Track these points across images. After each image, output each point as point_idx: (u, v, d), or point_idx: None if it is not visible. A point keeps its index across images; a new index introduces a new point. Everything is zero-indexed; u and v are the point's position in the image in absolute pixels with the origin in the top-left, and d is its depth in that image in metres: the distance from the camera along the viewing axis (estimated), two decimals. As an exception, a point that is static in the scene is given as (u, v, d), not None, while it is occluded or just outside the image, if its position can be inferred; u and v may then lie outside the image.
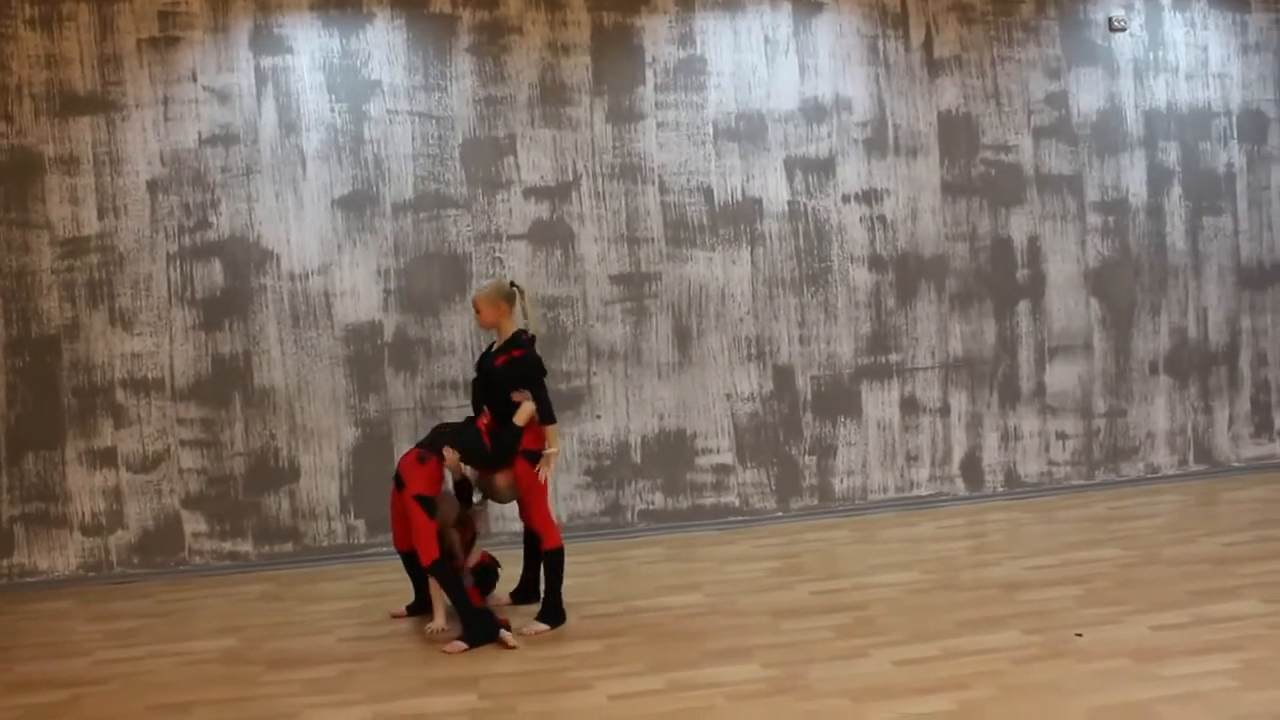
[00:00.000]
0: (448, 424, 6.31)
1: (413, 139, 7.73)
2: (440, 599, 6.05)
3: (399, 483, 6.01)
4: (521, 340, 6.00)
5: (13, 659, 5.84)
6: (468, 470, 6.15)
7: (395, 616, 6.31)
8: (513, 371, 5.93)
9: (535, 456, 5.94)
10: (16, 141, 7.44)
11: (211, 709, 5.11)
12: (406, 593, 6.52)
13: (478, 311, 6.06)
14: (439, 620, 6.04)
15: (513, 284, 6.14)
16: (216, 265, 7.59)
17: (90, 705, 5.19)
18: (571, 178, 7.88)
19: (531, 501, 5.99)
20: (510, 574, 6.55)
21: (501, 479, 5.98)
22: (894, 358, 8.25)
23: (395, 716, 4.89)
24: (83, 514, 7.48)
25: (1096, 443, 8.53)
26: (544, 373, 5.99)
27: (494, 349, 6.08)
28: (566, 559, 6.40)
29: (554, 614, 6.01)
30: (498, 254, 7.80)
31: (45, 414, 7.47)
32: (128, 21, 7.50)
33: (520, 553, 6.54)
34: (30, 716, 5.06)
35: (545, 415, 5.90)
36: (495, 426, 5.96)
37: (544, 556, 6.02)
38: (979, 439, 8.37)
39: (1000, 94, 8.35)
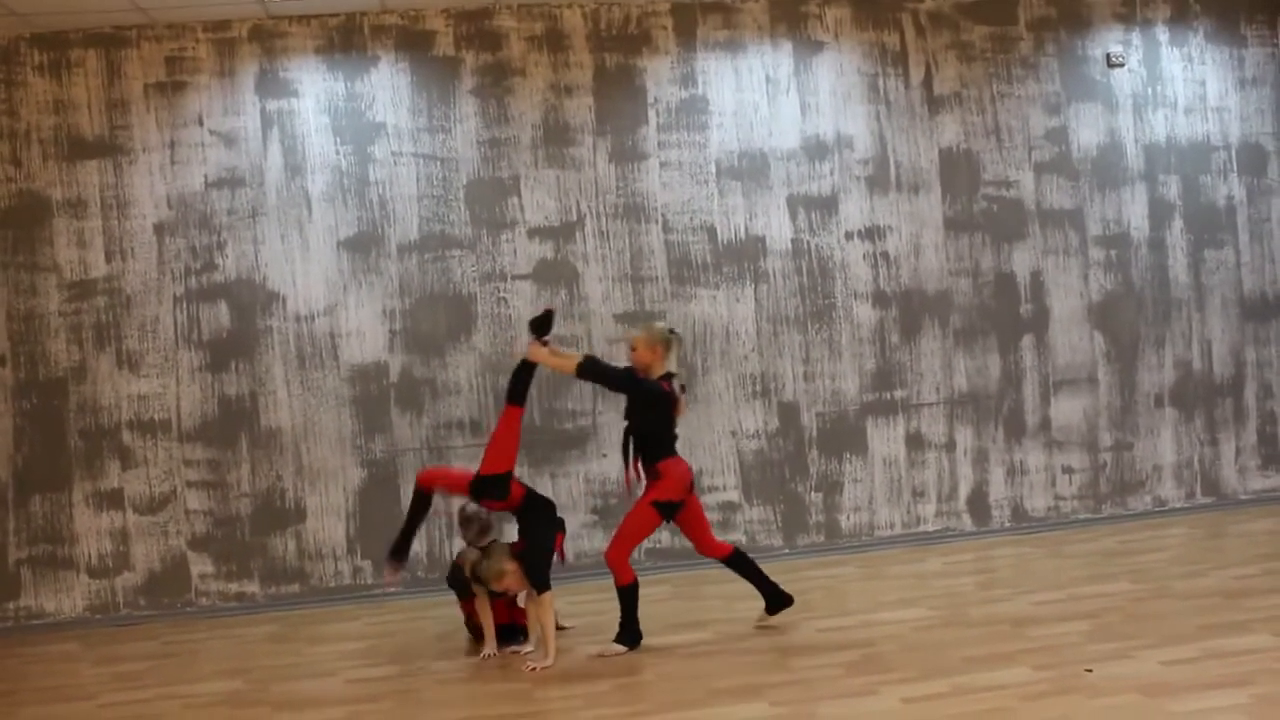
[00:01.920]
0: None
1: (417, 180, 7.78)
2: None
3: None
4: (666, 382, 6.12)
5: (18, 702, 5.83)
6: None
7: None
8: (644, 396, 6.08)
9: (669, 509, 6.13)
10: (25, 186, 7.50)
11: (219, 752, 5.11)
12: (411, 634, 6.51)
13: (634, 350, 6.19)
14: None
15: (671, 330, 6.30)
16: (223, 307, 7.63)
17: (98, 749, 5.19)
18: (575, 217, 7.92)
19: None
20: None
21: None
22: (899, 393, 8.26)
23: (403, 758, 4.89)
24: (89, 556, 7.48)
25: (1103, 476, 8.52)
26: (658, 401, 6.08)
27: None
28: (571, 597, 6.39)
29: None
30: (503, 294, 7.84)
31: (52, 456, 7.49)
32: (135, 67, 7.58)
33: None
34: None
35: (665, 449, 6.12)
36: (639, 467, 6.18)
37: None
38: (985, 474, 8.37)
39: (1001, 130, 8.41)
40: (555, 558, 6.24)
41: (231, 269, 7.64)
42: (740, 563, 6.44)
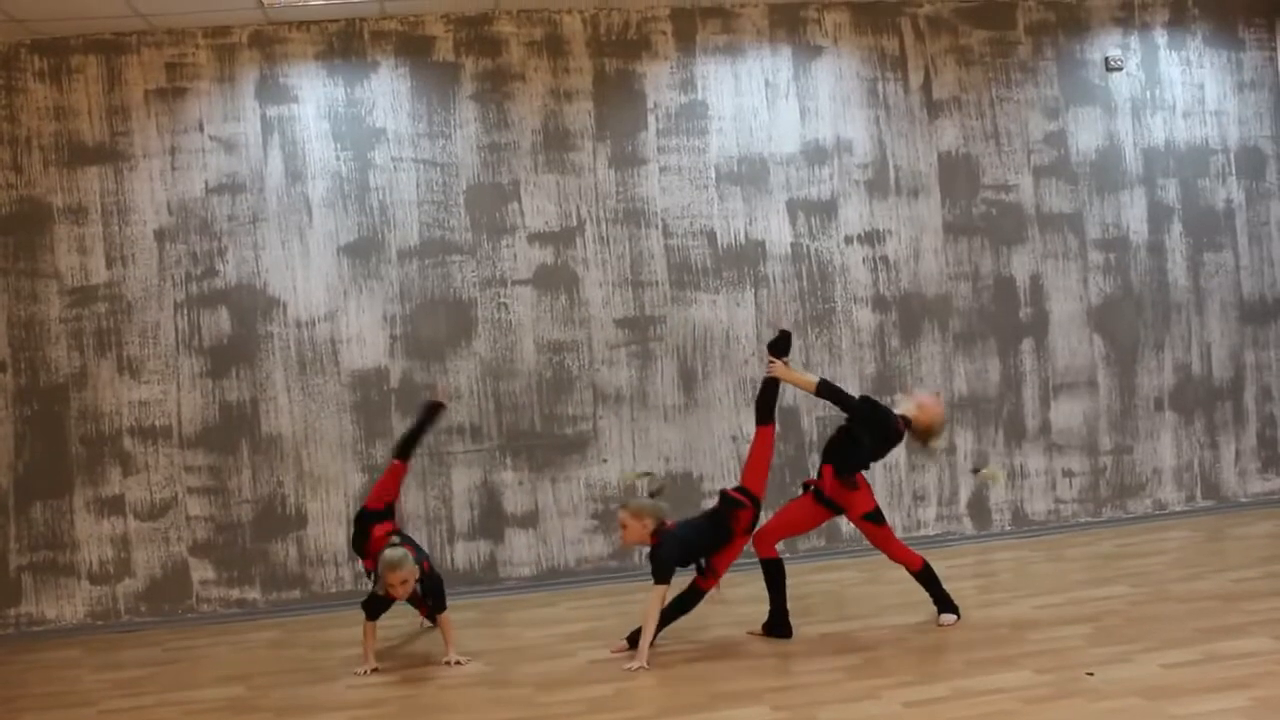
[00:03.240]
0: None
1: (417, 186, 7.80)
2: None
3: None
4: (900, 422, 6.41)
5: (19, 709, 5.82)
6: None
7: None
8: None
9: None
10: (25, 192, 7.51)
11: (221, 758, 5.11)
12: (412, 640, 6.52)
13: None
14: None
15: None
16: (224, 313, 7.64)
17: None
18: (575, 222, 7.94)
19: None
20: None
21: None
22: (899, 397, 8.24)
23: (405, 764, 4.89)
24: (90, 562, 7.48)
25: (1103, 480, 8.53)
26: (887, 433, 6.45)
27: None
28: (565, 601, 6.40)
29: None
30: (503, 299, 7.85)
31: (54, 462, 7.49)
32: (135, 73, 7.59)
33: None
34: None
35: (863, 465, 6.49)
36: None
37: None
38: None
39: (1000, 134, 8.42)
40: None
41: (232, 275, 7.65)
42: (776, 573, 6.43)
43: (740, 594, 6.75)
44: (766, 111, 8.16)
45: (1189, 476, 8.68)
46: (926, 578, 6.46)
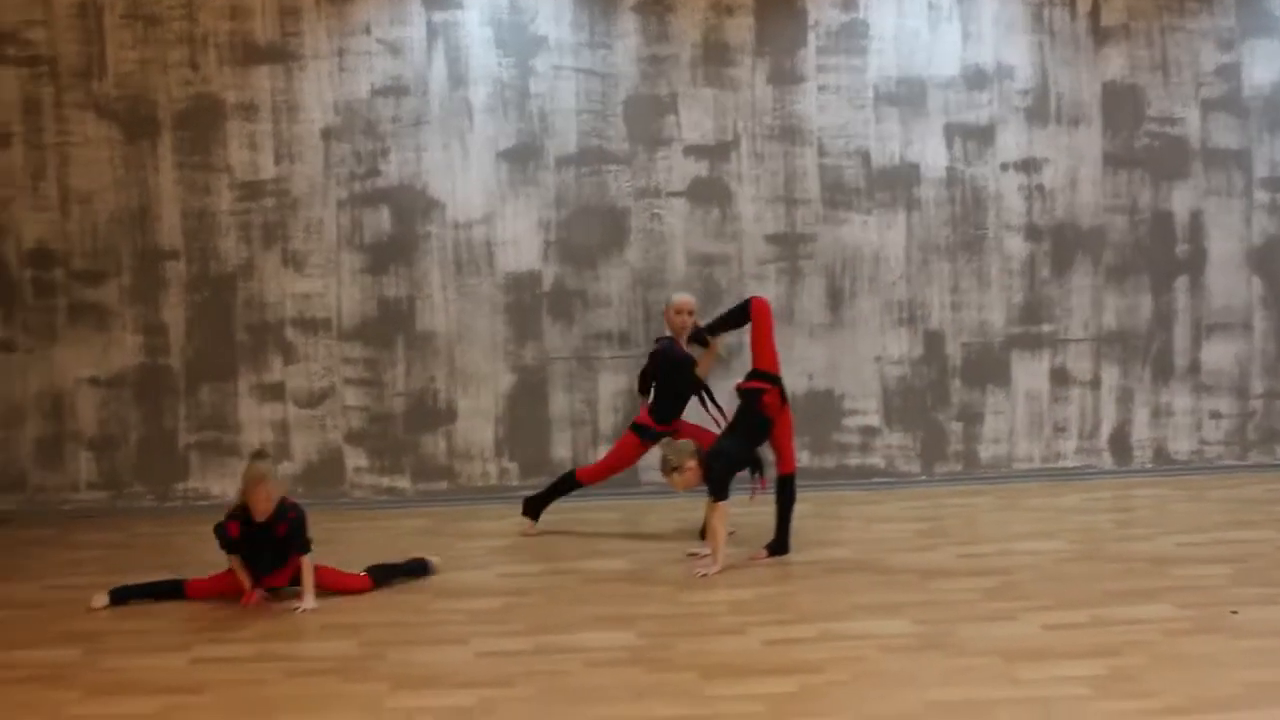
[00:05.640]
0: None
1: (577, 95, 7.89)
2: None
3: None
4: None
5: (188, 574, 6.14)
6: None
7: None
8: None
9: None
10: (202, 89, 7.78)
11: (383, 630, 5.40)
12: (555, 536, 6.79)
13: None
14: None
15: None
16: (384, 212, 7.87)
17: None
18: (731, 137, 7.97)
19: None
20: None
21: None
22: (1046, 328, 8.20)
23: (557, 648, 5.11)
24: (252, 444, 7.81)
25: (1251, 424, 8.37)
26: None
27: None
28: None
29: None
30: (656, 209, 7.95)
31: (220, 348, 7.84)
32: (308, -25, 7.78)
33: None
34: (214, 618, 5.40)
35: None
36: None
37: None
38: (1129, 414, 8.28)
39: (1169, 64, 8.19)
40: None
41: (394, 175, 7.87)
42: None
43: (877, 512, 6.85)
44: (928, 33, 8.06)
45: (1342, 425, 8.47)
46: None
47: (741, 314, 6.72)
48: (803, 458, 7.85)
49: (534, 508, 7.12)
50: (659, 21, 7.91)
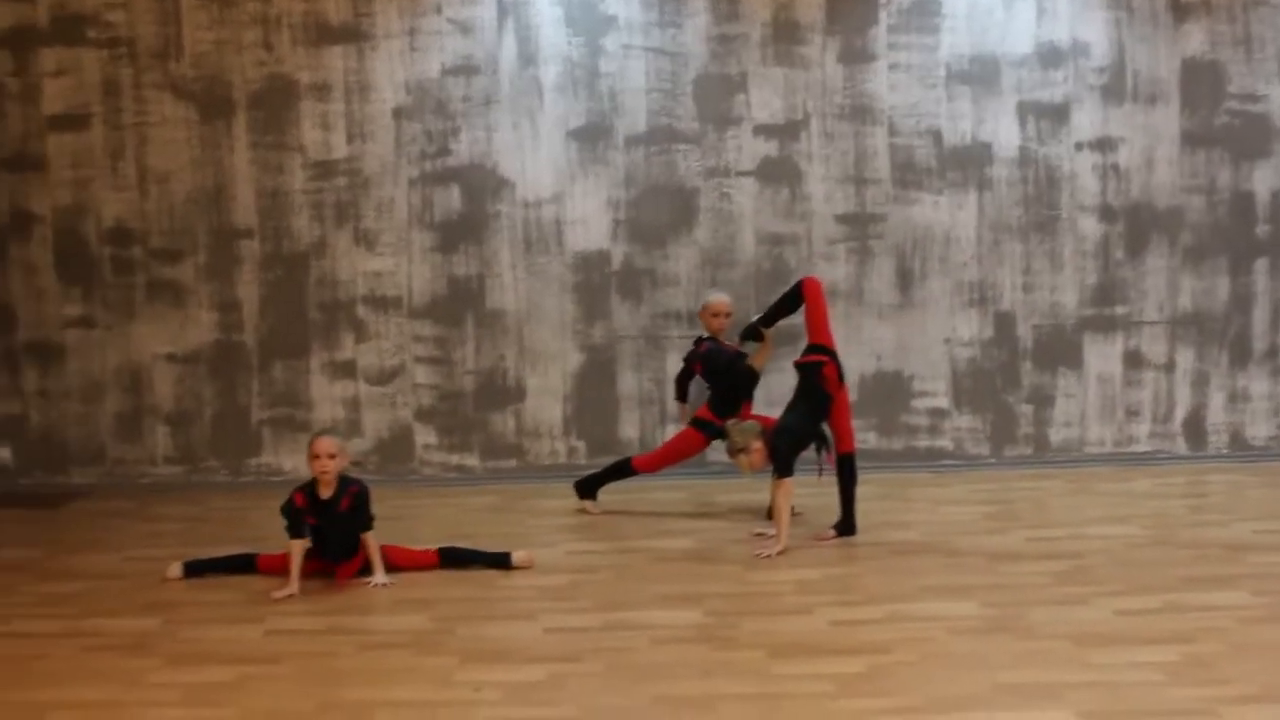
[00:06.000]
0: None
1: (646, 74, 7.89)
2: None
3: None
4: None
5: (263, 547, 6.26)
6: None
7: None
8: None
9: None
10: (275, 69, 7.88)
11: (454, 605, 5.48)
12: (622, 516, 6.83)
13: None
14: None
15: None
16: (455, 191, 7.93)
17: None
18: (801, 117, 7.93)
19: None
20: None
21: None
22: (1119, 310, 8.08)
23: (625, 625, 5.16)
24: (324, 421, 7.93)
25: (1332, 410, 8.21)
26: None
27: None
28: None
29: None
30: (725, 189, 7.93)
31: (293, 325, 7.97)
32: (381, -45, 7.84)
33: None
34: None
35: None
36: None
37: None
38: (1204, 398, 8.15)
39: (1251, 40, 8.01)
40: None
41: (464, 154, 7.92)
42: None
43: (945, 495, 6.81)
44: (1002, 10, 7.95)
45: None
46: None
47: (795, 298, 6.74)
48: (870, 439, 7.85)
49: (589, 488, 7.18)
50: (729, 0, 7.88)
